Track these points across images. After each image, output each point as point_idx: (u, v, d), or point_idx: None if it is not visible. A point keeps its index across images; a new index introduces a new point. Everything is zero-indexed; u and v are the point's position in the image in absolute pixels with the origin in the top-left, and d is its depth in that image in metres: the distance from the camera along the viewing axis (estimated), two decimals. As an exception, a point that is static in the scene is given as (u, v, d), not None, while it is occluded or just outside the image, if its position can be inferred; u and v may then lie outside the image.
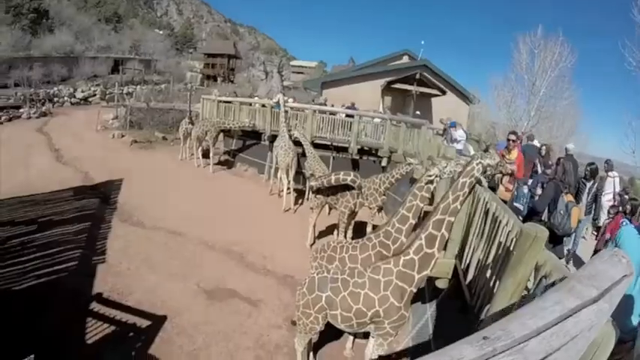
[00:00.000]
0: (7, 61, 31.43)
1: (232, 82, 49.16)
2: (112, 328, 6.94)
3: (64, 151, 17.80)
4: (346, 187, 9.22)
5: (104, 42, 47.38)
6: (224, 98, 18.03)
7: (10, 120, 23.87)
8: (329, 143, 14.68)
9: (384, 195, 9.31)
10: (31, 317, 6.81)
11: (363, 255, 5.77)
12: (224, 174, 16.42)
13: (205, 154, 16.40)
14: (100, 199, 12.66)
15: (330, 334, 5.77)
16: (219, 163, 17.22)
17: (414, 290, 4.74)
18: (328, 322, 5.14)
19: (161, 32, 58.95)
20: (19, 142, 19.02)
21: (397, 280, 4.64)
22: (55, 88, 32.01)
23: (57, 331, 6.52)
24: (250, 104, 17.10)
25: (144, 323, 7.09)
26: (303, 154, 12.27)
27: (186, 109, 18.97)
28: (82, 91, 33.10)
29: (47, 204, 12.03)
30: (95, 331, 6.80)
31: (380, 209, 9.64)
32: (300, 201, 13.22)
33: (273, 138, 14.49)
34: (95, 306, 7.43)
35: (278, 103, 13.58)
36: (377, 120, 15.29)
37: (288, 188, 12.62)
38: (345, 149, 14.53)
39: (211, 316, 7.41)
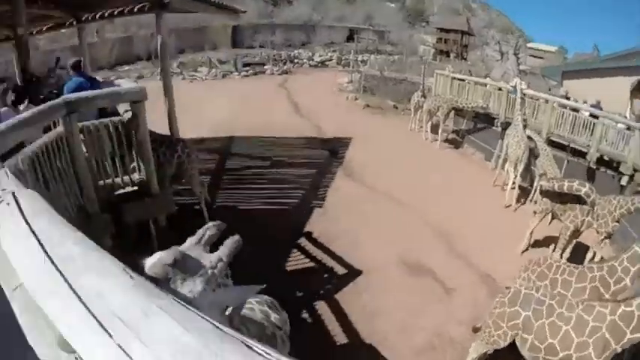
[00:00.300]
0: (253, 27, 37.18)
1: (465, 59, 47.61)
2: (311, 264, 7.83)
3: (300, 105, 19.65)
4: (577, 199, 7.99)
5: (339, 13, 50.77)
6: (458, 75, 17.88)
7: (255, 74, 28.72)
8: (566, 143, 13.06)
9: (617, 221, 7.67)
10: (251, 234, 8.27)
11: (578, 285, 5.17)
12: (450, 152, 15.81)
13: (434, 129, 16.34)
14: (328, 152, 13.73)
15: (508, 352, 5.07)
16: (447, 140, 16.79)
17: (619, 350, 3.96)
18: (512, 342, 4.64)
19: (392, 5, 60.33)
20: (263, 92, 22.12)
21: (606, 331, 3.91)
22: (296, 51, 36.22)
23: (266, 251, 7.44)
24: (485, 85, 16.66)
25: (340, 271, 7.68)
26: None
27: (418, 82, 19.13)
28: (320, 56, 36.60)
29: (281, 147, 13.80)
30: (296, 261, 7.83)
31: (608, 237, 8.06)
32: (522, 200, 11.96)
33: (506, 125, 13.69)
34: (302, 241, 8.41)
35: (515, 87, 12.46)
36: (621, 126, 12.63)
37: (514, 183, 11.55)
38: (582, 154, 12.62)
39: (403, 286, 7.50)
